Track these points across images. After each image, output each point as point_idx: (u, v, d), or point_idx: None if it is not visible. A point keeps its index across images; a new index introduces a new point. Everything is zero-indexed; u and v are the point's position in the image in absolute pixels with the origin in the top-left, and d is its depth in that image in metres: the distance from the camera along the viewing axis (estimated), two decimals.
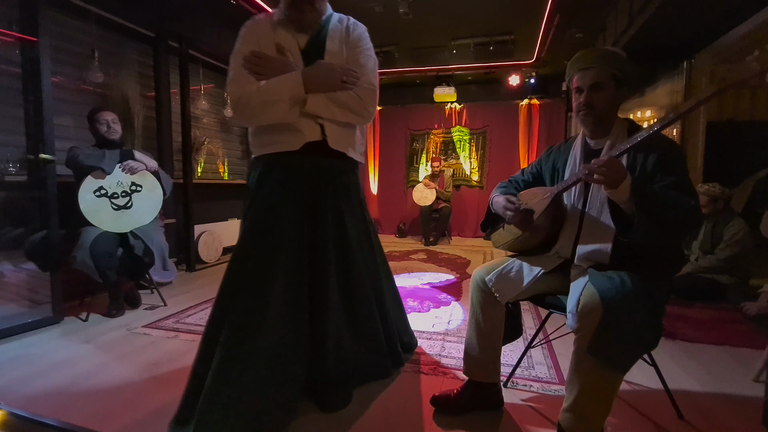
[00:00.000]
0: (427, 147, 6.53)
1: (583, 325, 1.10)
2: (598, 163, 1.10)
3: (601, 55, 1.27)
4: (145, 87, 3.60)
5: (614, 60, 1.26)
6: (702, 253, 2.86)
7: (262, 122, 1.39)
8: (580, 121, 1.34)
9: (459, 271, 3.85)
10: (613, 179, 1.08)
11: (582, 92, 1.28)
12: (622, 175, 1.08)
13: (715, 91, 1.04)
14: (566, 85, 1.43)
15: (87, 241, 2.29)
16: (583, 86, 1.28)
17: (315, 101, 1.34)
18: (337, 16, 1.52)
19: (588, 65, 1.27)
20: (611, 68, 1.25)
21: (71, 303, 2.57)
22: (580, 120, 1.32)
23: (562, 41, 4.39)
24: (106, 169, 2.37)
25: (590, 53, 1.29)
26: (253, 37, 1.39)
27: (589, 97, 1.27)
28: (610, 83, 1.26)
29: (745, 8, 2.77)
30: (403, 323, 1.92)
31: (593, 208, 1.28)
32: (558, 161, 1.45)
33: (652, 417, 1.44)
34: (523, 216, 1.37)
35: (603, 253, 1.23)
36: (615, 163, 1.09)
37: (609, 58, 1.26)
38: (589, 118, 1.29)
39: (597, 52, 1.29)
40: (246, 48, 1.36)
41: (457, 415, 1.43)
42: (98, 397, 1.55)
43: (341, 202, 1.50)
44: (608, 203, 1.23)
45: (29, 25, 2.27)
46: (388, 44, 4.69)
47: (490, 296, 1.38)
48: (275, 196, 1.41)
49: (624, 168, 1.11)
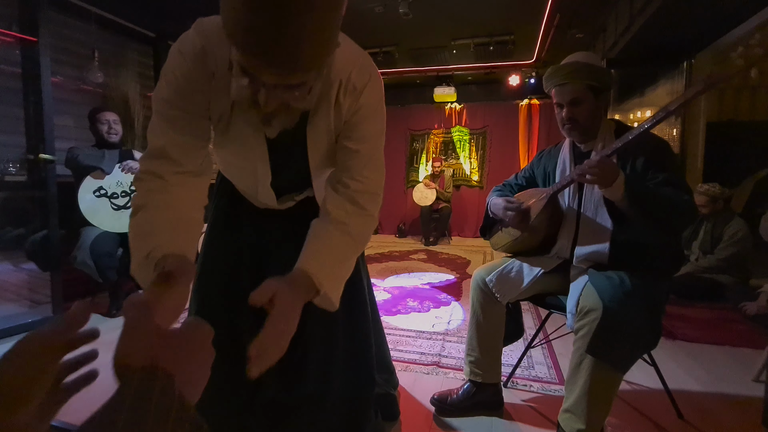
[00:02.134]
0: (427, 147, 6.53)
1: (583, 325, 1.10)
2: (590, 164, 1.11)
3: (574, 69, 1.25)
4: (145, 87, 3.60)
5: (587, 72, 1.24)
6: (702, 253, 2.86)
7: None
8: (566, 134, 1.35)
9: (459, 271, 3.85)
10: (606, 178, 1.09)
11: (562, 107, 1.30)
12: (614, 173, 1.09)
13: (701, 88, 1.05)
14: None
15: (87, 241, 2.29)
16: (562, 102, 1.29)
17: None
18: (336, 66, 0.83)
19: (562, 81, 1.26)
20: (586, 80, 1.24)
21: (71, 303, 2.56)
22: (566, 133, 1.34)
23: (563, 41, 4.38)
24: (106, 169, 2.38)
25: (563, 68, 1.27)
26: (195, 87, 0.80)
27: (570, 112, 1.27)
28: (588, 95, 1.25)
29: (745, 9, 2.77)
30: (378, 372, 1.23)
31: (588, 209, 1.29)
32: (548, 165, 1.47)
33: (652, 417, 1.44)
34: (523, 216, 1.37)
35: (601, 254, 1.24)
36: (607, 163, 1.10)
37: (582, 71, 1.24)
38: (574, 132, 1.31)
39: (569, 67, 1.26)
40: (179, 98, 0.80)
41: (457, 415, 1.43)
42: (98, 397, 1.54)
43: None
44: (604, 202, 1.23)
45: (29, 25, 2.27)
46: (388, 44, 4.69)
47: (490, 296, 1.39)
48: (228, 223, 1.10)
49: (616, 166, 1.11)
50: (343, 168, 0.92)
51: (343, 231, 0.86)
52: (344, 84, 0.85)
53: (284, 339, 0.69)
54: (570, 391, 1.14)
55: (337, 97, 0.86)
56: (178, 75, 0.78)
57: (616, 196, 1.11)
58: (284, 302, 0.69)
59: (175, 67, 0.79)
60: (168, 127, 0.81)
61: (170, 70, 0.79)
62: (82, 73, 3.02)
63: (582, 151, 1.36)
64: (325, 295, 0.80)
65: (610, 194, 1.13)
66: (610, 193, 1.13)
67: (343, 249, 0.87)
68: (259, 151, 0.91)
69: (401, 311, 2.62)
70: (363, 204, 0.90)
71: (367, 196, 0.92)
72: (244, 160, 0.96)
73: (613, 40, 3.70)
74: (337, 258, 0.85)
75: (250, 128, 0.86)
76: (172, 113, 0.81)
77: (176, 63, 0.79)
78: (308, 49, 0.62)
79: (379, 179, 0.96)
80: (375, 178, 0.94)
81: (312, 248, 0.83)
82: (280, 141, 0.88)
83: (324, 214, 0.88)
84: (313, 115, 0.87)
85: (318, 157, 0.95)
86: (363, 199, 0.90)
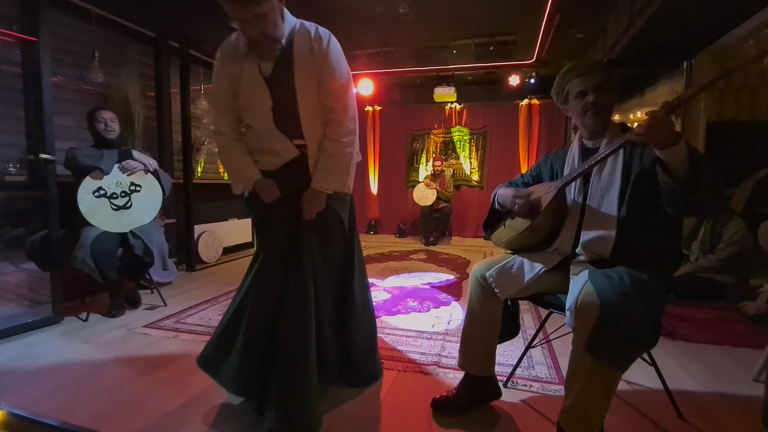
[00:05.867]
0: (427, 147, 6.53)
1: (581, 323, 1.10)
2: (653, 116, 1.04)
3: (594, 63, 1.37)
4: (146, 87, 3.60)
5: (604, 67, 1.36)
6: (701, 253, 2.86)
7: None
8: (588, 122, 1.35)
9: (459, 271, 3.85)
10: (669, 135, 1.03)
11: (586, 94, 1.33)
12: (674, 130, 1.04)
13: (719, 75, 1.05)
14: (556, 95, 1.45)
15: (87, 240, 2.29)
16: (587, 89, 1.33)
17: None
18: (301, 29, 1.41)
19: (587, 71, 1.34)
20: (604, 74, 1.33)
21: (71, 303, 2.57)
22: (590, 119, 1.34)
23: (563, 41, 4.39)
24: (105, 169, 2.38)
25: (585, 61, 1.38)
26: (224, 74, 1.43)
27: (597, 98, 1.32)
28: (608, 86, 1.33)
29: (745, 8, 2.77)
30: (366, 345, 1.66)
31: (593, 200, 1.31)
32: (556, 163, 1.51)
33: (652, 417, 1.44)
34: (532, 206, 1.40)
35: (605, 242, 1.25)
36: (668, 120, 1.04)
37: (600, 65, 1.37)
38: (599, 117, 1.33)
39: (590, 61, 1.40)
40: (224, 82, 1.43)
41: (458, 414, 1.43)
42: (98, 397, 1.55)
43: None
44: (620, 185, 1.24)
45: (29, 25, 2.27)
46: (389, 44, 4.69)
47: (489, 292, 1.40)
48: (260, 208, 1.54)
49: (674, 124, 1.06)
50: (324, 110, 1.44)
51: (325, 155, 1.45)
52: (313, 37, 1.39)
53: (314, 208, 1.43)
54: (569, 390, 1.14)
55: (312, 48, 1.39)
56: (216, 70, 1.45)
57: (679, 156, 1.05)
58: (307, 197, 1.44)
59: (214, 69, 1.46)
60: (215, 112, 1.48)
61: (213, 71, 1.47)
62: (83, 73, 3.02)
63: (590, 148, 1.39)
64: (320, 189, 1.44)
65: (674, 153, 1.05)
66: (673, 152, 1.05)
67: (327, 164, 1.45)
68: (262, 94, 1.40)
69: (401, 311, 2.62)
70: (331, 135, 1.44)
71: (335, 127, 1.44)
72: (255, 114, 1.44)
73: (613, 40, 3.69)
74: (324, 171, 1.45)
75: (252, 77, 1.39)
76: (214, 100, 1.47)
77: (215, 66, 1.46)
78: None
79: (349, 121, 1.45)
80: (345, 120, 1.44)
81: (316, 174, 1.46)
82: (276, 89, 1.40)
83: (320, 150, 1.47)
84: (297, 64, 1.38)
85: (305, 99, 1.41)
86: (331, 131, 1.44)
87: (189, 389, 1.60)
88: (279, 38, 1.34)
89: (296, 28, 1.41)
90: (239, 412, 1.45)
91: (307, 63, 1.38)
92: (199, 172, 4.29)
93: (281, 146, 1.45)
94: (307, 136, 1.44)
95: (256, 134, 1.48)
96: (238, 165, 1.48)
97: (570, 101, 1.39)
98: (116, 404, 1.50)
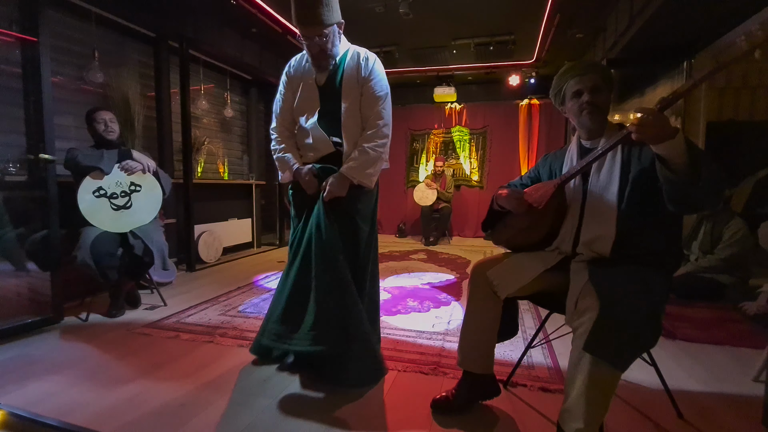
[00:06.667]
0: (427, 147, 6.53)
1: (581, 322, 1.10)
2: (645, 113, 1.04)
3: (591, 64, 1.38)
4: (146, 87, 3.60)
5: (601, 68, 1.37)
6: (702, 253, 2.86)
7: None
8: (584, 121, 1.36)
9: (459, 271, 3.85)
10: (664, 130, 1.03)
11: (582, 94, 1.34)
12: (670, 125, 1.04)
13: (712, 69, 1.05)
14: (554, 97, 1.46)
15: (87, 240, 2.29)
16: (584, 89, 1.34)
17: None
18: (352, 52, 1.77)
19: (583, 72, 1.35)
20: (601, 75, 1.34)
21: (71, 303, 2.57)
22: (586, 118, 1.35)
23: (563, 41, 4.39)
24: (105, 169, 2.38)
25: (582, 62, 1.38)
26: (289, 85, 1.83)
27: (593, 97, 1.33)
28: (605, 87, 1.34)
29: (745, 8, 2.77)
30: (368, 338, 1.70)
31: (593, 199, 1.32)
32: (555, 164, 1.52)
33: (652, 417, 1.44)
34: (531, 205, 1.41)
35: (605, 240, 1.25)
36: (662, 116, 1.05)
37: (597, 66, 1.38)
38: (595, 116, 1.33)
39: (587, 61, 1.41)
40: (288, 91, 1.83)
41: (458, 414, 1.43)
42: (98, 397, 1.55)
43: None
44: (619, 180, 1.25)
45: (29, 25, 2.27)
46: (389, 44, 4.70)
47: (488, 290, 1.40)
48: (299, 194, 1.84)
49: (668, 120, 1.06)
50: (364, 118, 1.74)
51: (359, 151, 1.69)
52: (362, 58, 1.75)
53: (336, 191, 1.65)
54: (569, 390, 1.14)
55: (359, 65, 1.73)
56: (282, 84, 1.85)
57: (677, 150, 1.05)
58: (332, 179, 1.67)
59: (282, 81, 1.86)
60: (277, 115, 1.85)
61: (280, 83, 1.86)
62: (83, 73, 3.02)
63: (588, 148, 1.40)
64: (346, 176, 1.68)
65: (671, 148, 1.05)
66: (670, 147, 1.05)
67: (359, 158, 1.68)
68: (313, 98, 1.76)
69: (401, 311, 2.62)
70: (367, 136, 1.71)
71: (371, 130, 1.71)
72: (305, 114, 1.77)
73: (613, 40, 3.70)
74: (355, 162, 1.68)
75: (309, 85, 1.76)
76: (279, 108, 1.85)
77: (282, 79, 1.86)
78: (319, 12, 1.53)
79: (383, 126, 1.73)
80: (380, 125, 1.72)
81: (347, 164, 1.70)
82: (325, 95, 1.75)
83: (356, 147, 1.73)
84: (345, 77, 1.72)
85: (348, 101, 1.71)
86: (368, 133, 1.72)
87: (189, 389, 1.60)
88: (334, 55, 1.70)
89: (349, 50, 1.78)
90: (239, 412, 1.45)
91: (353, 77, 1.72)
92: (199, 172, 4.29)
93: (320, 141, 1.74)
94: (345, 136, 1.72)
95: (304, 132, 1.78)
96: (286, 157, 1.78)
97: (567, 102, 1.40)
98: (116, 404, 1.49)
